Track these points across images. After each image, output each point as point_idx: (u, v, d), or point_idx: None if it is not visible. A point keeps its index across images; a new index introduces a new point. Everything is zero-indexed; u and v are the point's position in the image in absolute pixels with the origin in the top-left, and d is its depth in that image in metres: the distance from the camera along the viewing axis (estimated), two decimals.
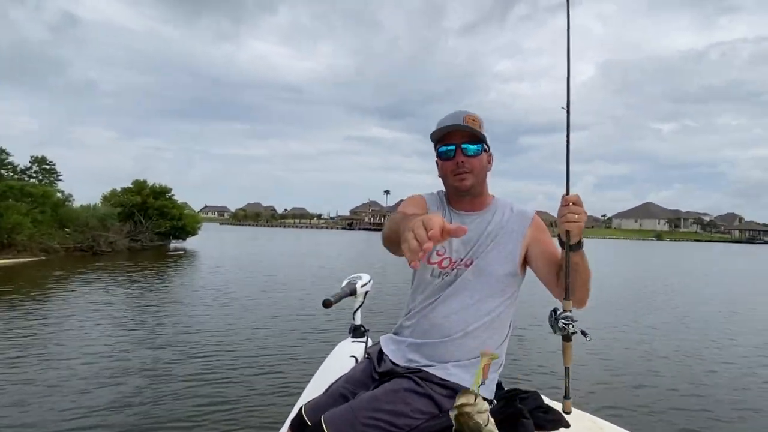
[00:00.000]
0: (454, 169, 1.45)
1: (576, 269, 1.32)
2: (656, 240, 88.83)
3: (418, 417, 1.29)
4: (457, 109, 1.49)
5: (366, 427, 1.24)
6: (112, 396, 3.97)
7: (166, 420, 3.57)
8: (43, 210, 17.63)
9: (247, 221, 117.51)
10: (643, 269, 21.52)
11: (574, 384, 1.40)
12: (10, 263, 13.78)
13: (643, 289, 13.36)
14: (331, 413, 1.29)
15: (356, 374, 1.51)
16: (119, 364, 4.86)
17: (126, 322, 6.83)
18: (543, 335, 6.78)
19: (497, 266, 1.43)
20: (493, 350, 1.40)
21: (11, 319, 6.72)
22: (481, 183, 1.49)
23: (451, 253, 1.47)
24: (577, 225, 1.26)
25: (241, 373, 4.74)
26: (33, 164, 23.31)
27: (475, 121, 1.44)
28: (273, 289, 10.65)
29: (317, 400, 1.42)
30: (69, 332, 6.11)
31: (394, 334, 1.56)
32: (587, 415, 1.84)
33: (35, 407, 3.72)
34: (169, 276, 12.44)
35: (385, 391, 1.34)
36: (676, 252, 41.79)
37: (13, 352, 5.11)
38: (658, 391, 4.61)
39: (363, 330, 2.26)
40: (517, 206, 1.54)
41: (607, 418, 1.88)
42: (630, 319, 8.49)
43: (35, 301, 8.18)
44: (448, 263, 1.46)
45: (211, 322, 7.05)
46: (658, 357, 5.92)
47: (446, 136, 1.45)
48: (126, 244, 20.89)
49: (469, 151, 1.44)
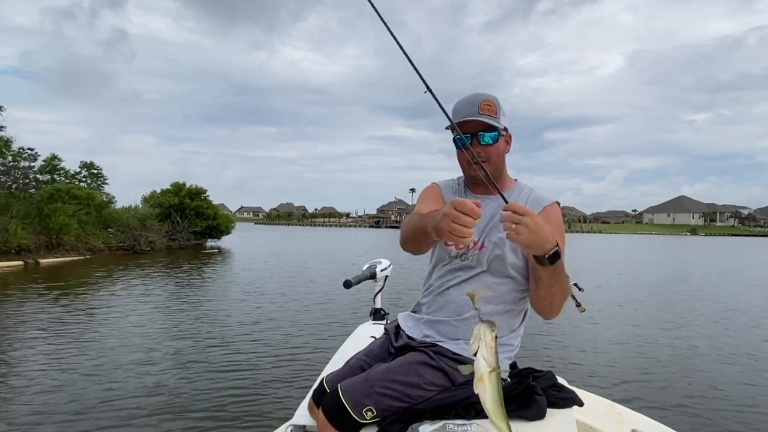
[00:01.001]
0: (471, 159, 1.42)
1: (539, 283, 1.28)
2: (691, 235, 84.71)
3: (431, 389, 1.33)
4: (474, 92, 1.46)
5: (380, 397, 1.29)
6: (149, 377, 4.29)
7: (200, 398, 3.85)
8: (88, 211, 18.60)
9: (280, 221, 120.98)
10: (678, 265, 20.73)
11: (598, 371, 1.39)
12: (59, 262, 14.67)
13: (677, 284, 12.93)
14: (347, 382, 1.35)
15: (374, 349, 1.56)
16: (155, 348, 5.21)
17: (162, 312, 7.17)
18: (559, 321, 6.84)
19: (508, 253, 1.40)
20: (507, 334, 1.45)
21: (60, 312, 7.14)
22: (498, 169, 1.48)
23: None
24: (520, 238, 1.12)
25: (271, 354, 5.15)
26: (82, 169, 24.83)
27: (491, 106, 1.42)
28: (301, 281, 11.23)
29: (337, 372, 1.49)
30: (110, 324, 6.44)
31: (412, 312, 1.59)
32: (607, 400, 1.85)
33: (81, 390, 4.00)
34: (203, 272, 12.87)
35: (399, 363, 1.38)
36: (714, 247, 39.86)
37: (60, 341, 5.48)
38: (692, 389, 4.46)
39: (383, 313, 2.34)
40: (537, 193, 1.50)
41: (632, 408, 1.85)
42: (665, 316, 8.28)
43: (81, 295, 8.69)
44: (464, 246, 1.44)
45: (243, 310, 7.50)
46: (692, 354, 5.76)
47: (462, 125, 1.42)
48: (165, 243, 21.76)
49: (486, 140, 1.42)
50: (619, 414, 1.71)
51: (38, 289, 9.34)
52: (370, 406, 1.28)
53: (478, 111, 1.40)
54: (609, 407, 1.77)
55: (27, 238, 14.49)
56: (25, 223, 15.46)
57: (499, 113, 1.44)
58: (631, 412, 1.76)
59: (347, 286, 2.05)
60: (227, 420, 3.44)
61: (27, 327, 6.25)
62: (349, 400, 1.29)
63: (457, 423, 1.26)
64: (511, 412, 1.28)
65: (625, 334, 6.59)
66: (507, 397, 1.33)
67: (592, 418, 1.62)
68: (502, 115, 1.45)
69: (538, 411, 1.34)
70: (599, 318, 7.62)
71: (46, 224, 15.91)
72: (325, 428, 1.31)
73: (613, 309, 8.50)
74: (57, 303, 7.96)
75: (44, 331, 5.97)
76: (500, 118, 1.44)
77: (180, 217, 23.91)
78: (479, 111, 1.40)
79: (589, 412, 1.62)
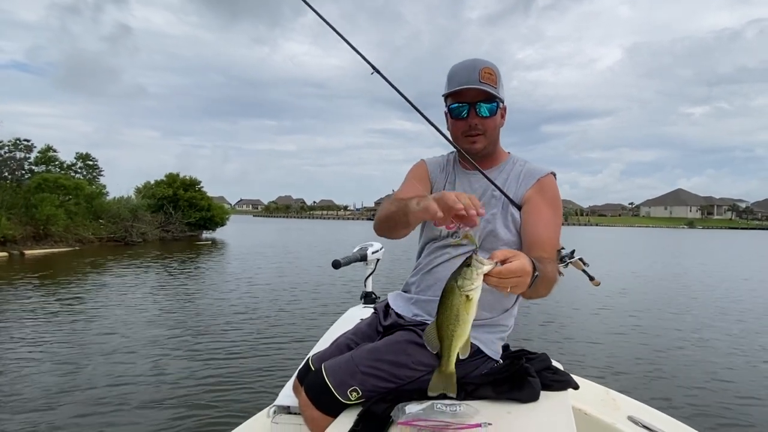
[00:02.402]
0: (466, 131, 1.36)
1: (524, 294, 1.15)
2: (688, 228, 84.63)
3: (420, 369, 1.26)
4: (474, 57, 1.37)
5: (367, 377, 1.23)
6: (134, 365, 4.17)
7: (186, 383, 3.79)
8: (77, 202, 18.26)
9: (279, 213, 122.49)
10: (676, 255, 20.56)
11: (594, 360, 1.23)
12: (45, 253, 14.31)
13: (675, 274, 12.71)
14: (332, 361, 1.29)
15: (363, 327, 1.51)
16: (139, 337, 5.06)
17: (148, 302, 7.04)
18: (554, 307, 6.87)
19: (500, 229, 1.33)
20: (500, 314, 1.39)
21: (38, 302, 6.92)
22: (493, 143, 1.41)
23: None
24: (518, 288, 0.95)
25: (260, 339, 5.14)
26: (78, 160, 24.84)
27: (491, 75, 1.33)
28: (293, 270, 11.40)
29: (324, 351, 1.45)
30: (96, 312, 6.28)
31: (403, 291, 1.53)
32: (601, 387, 1.78)
33: (69, 378, 3.90)
34: (193, 263, 12.67)
35: (387, 342, 1.32)
36: (711, 239, 39.95)
37: (37, 330, 5.25)
38: (690, 378, 4.31)
39: (374, 297, 2.32)
40: (531, 165, 1.41)
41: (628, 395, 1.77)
42: (664, 305, 8.11)
43: (67, 285, 8.47)
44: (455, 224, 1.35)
45: (233, 298, 7.45)
46: (691, 344, 5.59)
47: (459, 92, 1.34)
48: (158, 234, 21.44)
49: (484, 111, 1.34)
50: (614, 400, 1.67)
51: (19, 280, 9.06)
52: (356, 386, 1.23)
53: (478, 79, 1.32)
54: (604, 393, 1.73)
55: (12, 229, 14.10)
56: (12, 213, 15.07)
57: (499, 83, 1.36)
58: (627, 398, 1.71)
59: (336, 266, 2.02)
60: (214, 405, 3.39)
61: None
62: (334, 380, 1.24)
63: (445, 403, 1.16)
64: (503, 393, 1.27)
65: (622, 322, 6.47)
66: (499, 379, 1.31)
67: (587, 404, 1.58)
68: (501, 85, 1.38)
69: (532, 393, 1.28)
70: (596, 306, 7.48)
71: (32, 215, 15.52)
72: (307, 409, 1.27)
73: (611, 297, 8.34)
74: (36, 293, 7.73)
75: (18, 321, 5.74)
76: (499, 89, 1.37)
77: (173, 208, 23.55)
78: (480, 79, 1.32)
79: (584, 397, 1.59)
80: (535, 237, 1.29)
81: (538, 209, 1.33)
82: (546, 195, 1.33)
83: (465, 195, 0.97)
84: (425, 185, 1.48)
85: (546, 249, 1.26)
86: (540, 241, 1.28)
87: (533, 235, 1.30)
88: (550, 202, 1.32)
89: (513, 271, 0.92)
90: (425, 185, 1.48)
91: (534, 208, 1.33)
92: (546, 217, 1.32)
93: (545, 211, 1.31)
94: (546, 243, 1.28)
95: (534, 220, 1.32)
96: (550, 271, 1.12)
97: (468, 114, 1.34)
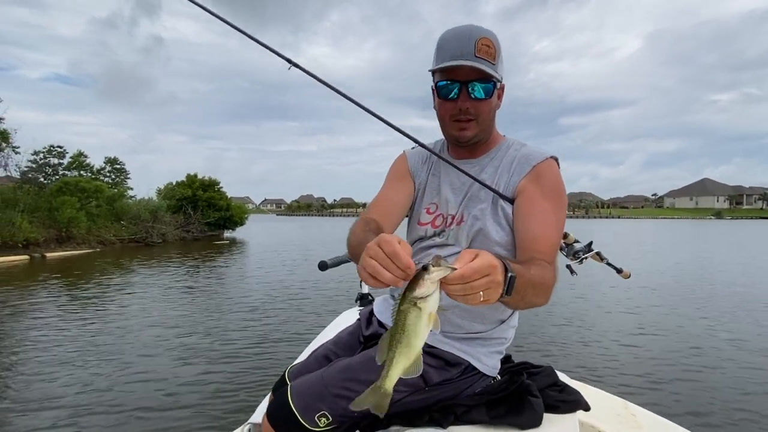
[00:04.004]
0: (455, 114, 1.16)
1: (508, 304, 0.93)
2: (715, 218, 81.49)
3: (401, 389, 1.10)
4: (470, 23, 1.14)
5: (338, 399, 1.08)
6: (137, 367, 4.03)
7: (182, 389, 3.64)
8: (98, 204, 18.54)
9: (300, 212, 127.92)
10: (703, 249, 19.73)
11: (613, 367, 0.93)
12: (66, 255, 14.52)
13: (703, 271, 12.10)
14: (300, 382, 1.16)
15: (344, 336, 1.39)
16: (147, 338, 4.94)
17: (160, 303, 6.96)
18: (564, 308, 6.40)
19: (491, 227, 1.16)
20: (496, 326, 1.21)
21: (67, 302, 6.93)
22: (486, 130, 1.21)
23: (444, 208, 1.24)
24: (491, 293, 0.75)
25: (258, 338, 5.02)
26: (106, 165, 27.12)
27: (489, 48, 1.11)
28: (307, 265, 11.30)
29: (302, 363, 1.34)
30: (115, 312, 6.30)
31: (390, 296, 1.40)
32: (619, 399, 1.59)
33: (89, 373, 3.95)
34: (210, 262, 12.67)
35: (363, 358, 1.17)
36: (742, 231, 38.33)
37: (71, 326, 5.24)
38: (722, 391, 3.68)
39: (371, 299, 2.21)
40: (527, 149, 1.20)
41: (647, 407, 1.55)
42: (694, 306, 7.55)
43: (87, 286, 8.52)
44: (441, 221, 1.24)
45: (238, 299, 7.29)
46: (726, 353, 4.92)
47: (450, 69, 1.12)
48: (178, 234, 21.66)
49: (479, 93, 1.13)
50: (634, 416, 1.45)
51: (36, 283, 9.15)
52: (324, 411, 1.08)
53: (474, 53, 1.09)
54: (622, 407, 1.52)
55: (35, 232, 14.35)
56: (35, 216, 15.36)
57: (498, 57, 1.14)
58: (649, 413, 1.47)
59: (322, 268, 1.85)
60: (190, 417, 3.16)
61: (9, 318, 5.96)
62: (299, 403, 1.09)
63: (429, 431, 1.08)
64: (498, 418, 1.12)
65: (649, 324, 5.80)
66: (494, 400, 1.16)
67: (601, 421, 1.37)
68: (500, 60, 1.15)
69: (533, 417, 1.10)
70: (617, 305, 6.92)
71: (55, 218, 15.79)
72: None
73: (635, 296, 7.74)
74: (52, 295, 7.75)
75: (23, 322, 5.70)
76: (498, 65, 1.14)
77: (192, 209, 23.78)
78: (475, 53, 1.09)
79: (599, 413, 1.39)
80: (527, 235, 1.08)
81: (531, 201, 1.11)
82: (543, 184, 1.12)
83: (379, 252, 0.76)
84: (406, 183, 1.33)
85: (541, 249, 1.04)
86: (533, 239, 1.06)
87: (525, 232, 1.09)
88: (547, 192, 1.11)
89: (477, 270, 0.72)
90: (406, 183, 1.33)
91: (527, 200, 1.12)
92: (541, 210, 1.09)
93: (541, 204, 1.11)
94: (541, 241, 1.06)
95: (526, 214, 1.10)
96: (538, 274, 0.91)
97: (459, 95, 1.13)
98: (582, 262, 1.59)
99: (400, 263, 0.74)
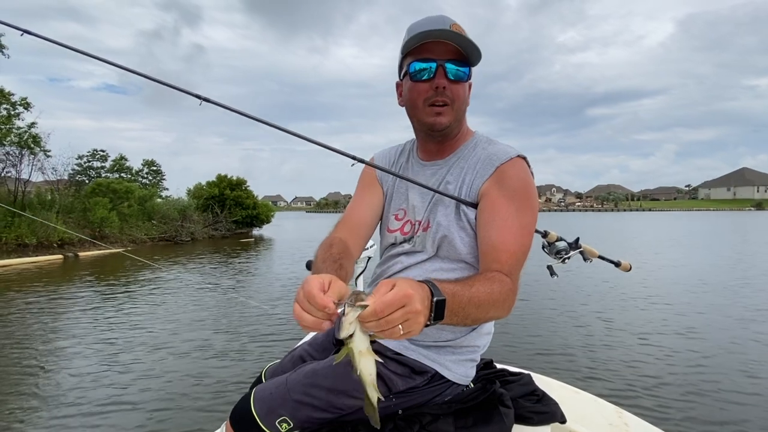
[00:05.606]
0: (430, 97, 1.07)
1: None
2: (756, 210, 77.18)
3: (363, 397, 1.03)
4: (440, 14, 1.10)
5: (299, 405, 1.05)
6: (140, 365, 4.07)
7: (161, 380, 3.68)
8: (130, 204, 19.11)
9: (328, 209, 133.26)
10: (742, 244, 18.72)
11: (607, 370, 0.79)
12: (99, 254, 15.01)
13: (735, 269, 11.46)
14: (263, 387, 1.13)
15: (320, 337, 1.35)
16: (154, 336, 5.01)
17: (176, 297, 7.06)
18: (560, 303, 6.17)
19: (455, 234, 1.10)
20: (467, 333, 1.13)
21: (96, 298, 7.14)
22: (459, 121, 1.14)
23: (412, 214, 1.19)
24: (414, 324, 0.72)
25: (257, 337, 5.02)
26: (144, 167, 28.67)
27: (463, 32, 1.06)
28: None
29: (278, 363, 1.33)
30: (136, 310, 6.38)
31: None
32: (611, 406, 1.50)
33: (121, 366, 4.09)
34: (235, 260, 12.86)
35: (327, 364, 1.13)
36: None
37: (100, 321, 5.42)
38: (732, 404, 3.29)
39: None
40: (494, 148, 1.11)
41: (644, 417, 1.43)
42: (716, 309, 7.14)
43: (115, 283, 8.77)
44: (410, 228, 1.19)
45: (255, 293, 7.40)
46: (741, 360, 4.48)
47: (424, 47, 1.05)
48: (207, 233, 22.12)
49: (457, 73, 1.06)
50: (627, 426, 1.34)
51: (69, 281, 9.45)
52: (286, 416, 1.05)
53: (450, 31, 1.03)
54: (615, 415, 1.41)
55: (71, 230, 14.87)
56: (70, 217, 15.92)
57: None
58: (645, 423, 1.37)
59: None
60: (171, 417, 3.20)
61: (30, 316, 6.15)
62: (260, 408, 1.06)
63: None
64: (466, 428, 1.06)
65: (652, 325, 5.37)
66: (465, 408, 1.11)
67: (591, 429, 1.27)
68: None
69: (501, 428, 1.03)
70: (617, 305, 6.56)
71: (88, 218, 16.35)
72: None
73: (641, 294, 7.31)
74: (94, 289, 7.94)
75: (40, 323, 5.83)
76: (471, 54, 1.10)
77: (220, 207, 24.23)
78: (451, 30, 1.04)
79: (589, 419, 1.30)
80: (486, 242, 0.99)
81: (493, 206, 1.02)
82: (505, 186, 1.04)
83: (300, 294, 0.77)
84: (375, 190, 1.29)
85: (500, 258, 0.96)
86: (492, 248, 0.98)
87: (484, 239, 1.00)
88: (510, 195, 1.02)
89: (390, 303, 0.68)
90: (375, 190, 1.29)
91: (489, 205, 1.03)
92: (503, 215, 1.00)
93: (503, 208, 1.02)
94: (500, 250, 0.97)
95: (487, 220, 1.01)
96: (482, 290, 0.85)
97: (435, 74, 1.05)
98: (565, 261, 1.45)
99: (316, 304, 0.72)
